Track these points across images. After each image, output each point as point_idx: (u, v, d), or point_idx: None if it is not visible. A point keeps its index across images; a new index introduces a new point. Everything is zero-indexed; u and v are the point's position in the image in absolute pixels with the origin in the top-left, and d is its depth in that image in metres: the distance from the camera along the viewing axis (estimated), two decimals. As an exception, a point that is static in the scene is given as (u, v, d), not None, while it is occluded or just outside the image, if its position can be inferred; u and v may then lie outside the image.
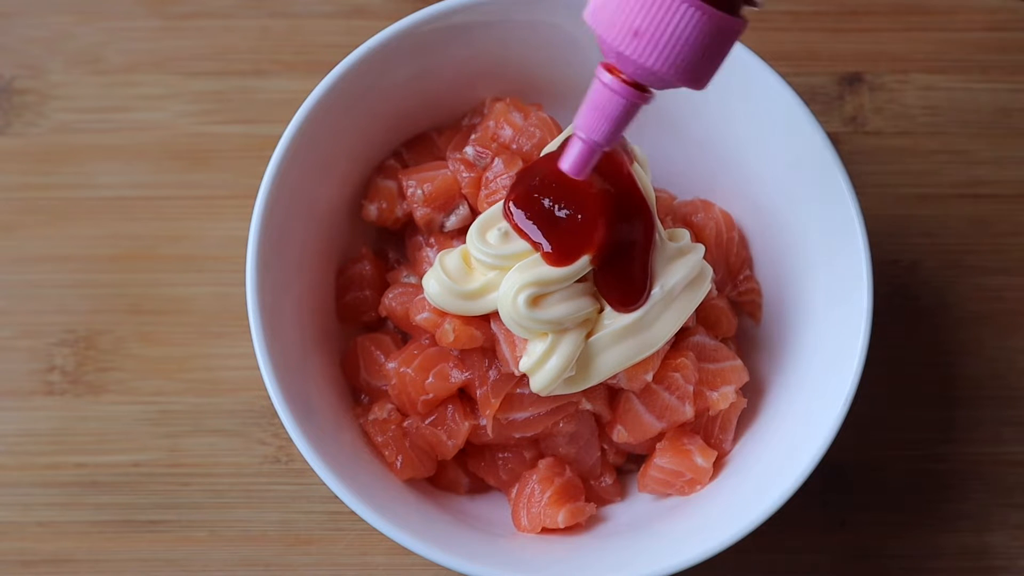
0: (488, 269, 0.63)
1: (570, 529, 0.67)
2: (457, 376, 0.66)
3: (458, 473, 0.70)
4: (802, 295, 0.69)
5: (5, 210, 0.79)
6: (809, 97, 0.79)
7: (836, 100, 0.81)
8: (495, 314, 0.63)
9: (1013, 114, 0.81)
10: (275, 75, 0.81)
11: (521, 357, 0.63)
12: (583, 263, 0.62)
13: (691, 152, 0.73)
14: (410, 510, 0.65)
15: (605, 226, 0.61)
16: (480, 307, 0.63)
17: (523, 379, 0.64)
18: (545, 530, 0.67)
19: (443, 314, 0.64)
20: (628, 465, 0.71)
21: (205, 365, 0.76)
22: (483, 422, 0.66)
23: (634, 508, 0.69)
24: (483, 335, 0.64)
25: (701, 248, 0.65)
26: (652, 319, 0.63)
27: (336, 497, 0.61)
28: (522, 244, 0.62)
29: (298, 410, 0.62)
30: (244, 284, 0.63)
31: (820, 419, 0.63)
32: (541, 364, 0.62)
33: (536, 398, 0.64)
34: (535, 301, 0.61)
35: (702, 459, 0.66)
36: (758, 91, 0.67)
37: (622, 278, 0.63)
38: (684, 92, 0.68)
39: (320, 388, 0.67)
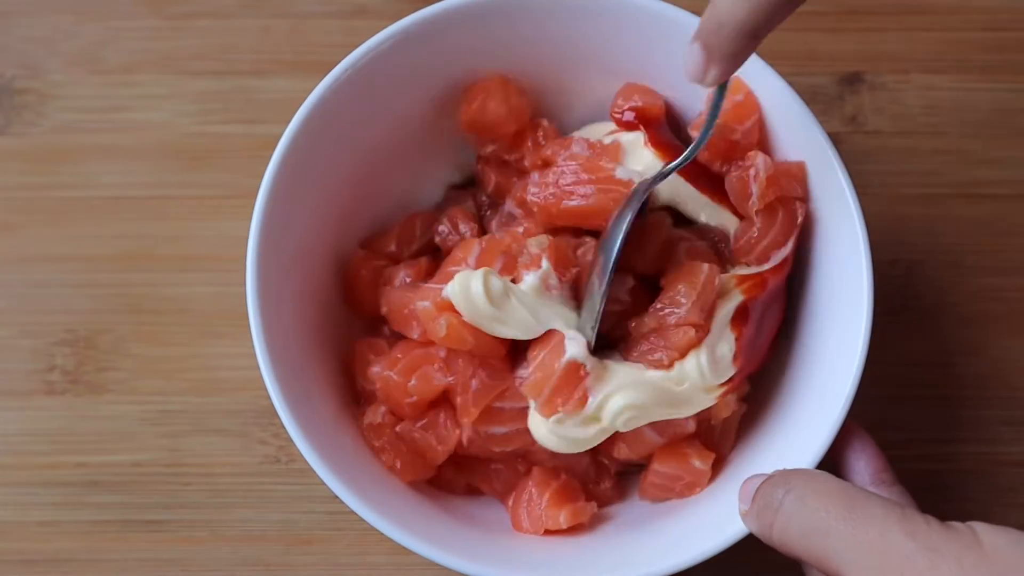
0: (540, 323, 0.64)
1: (572, 529, 0.67)
2: (440, 379, 0.65)
3: (456, 475, 0.70)
4: (802, 295, 0.69)
5: (5, 210, 0.79)
6: (809, 97, 0.79)
7: (836, 100, 0.81)
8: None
9: (1013, 114, 0.81)
10: (276, 75, 0.81)
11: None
12: None
13: (691, 152, 0.73)
14: (410, 510, 0.65)
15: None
16: (502, 331, 0.63)
17: (504, 393, 0.64)
18: (547, 532, 0.67)
19: (444, 309, 0.64)
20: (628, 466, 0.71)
21: (205, 365, 0.76)
22: (461, 431, 0.65)
23: (634, 508, 0.69)
24: (474, 340, 0.64)
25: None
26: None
27: (336, 497, 0.61)
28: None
29: (298, 410, 0.62)
30: (244, 284, 0.63)
31: (820, 419, 0.63)
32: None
33: (516, 413, 0.64)
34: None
35: (700, 462, 0.66)
36: (758, 91, 0.67)
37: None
38: (685, 97, 0.69)
39: (320, 388, 0.67)
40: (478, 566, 0.61)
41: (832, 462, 0.62)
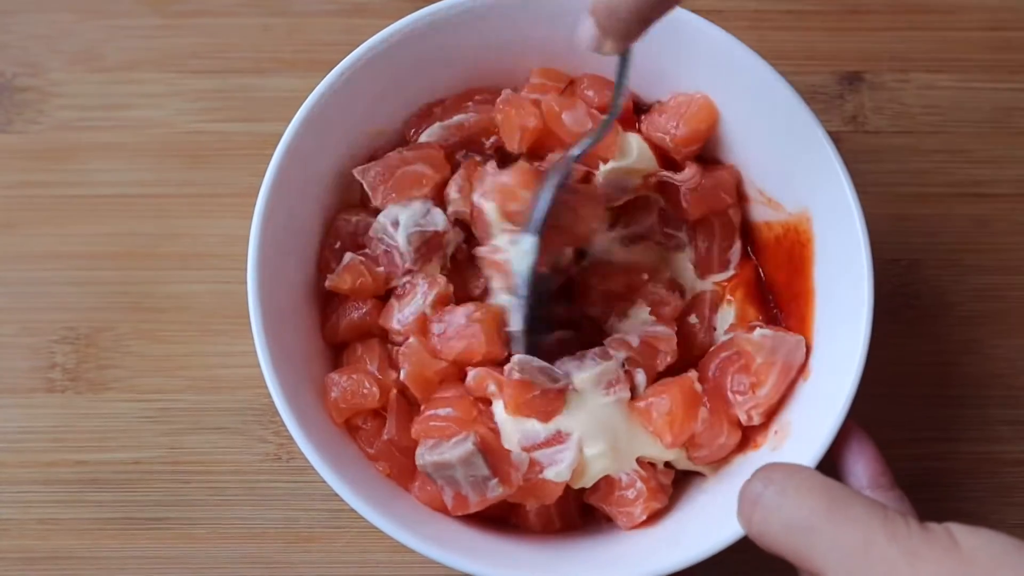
0: None
1: (571, 529, 0.67)
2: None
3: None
4: (802, 294, 0.69)
5: (6, 207, 0.79)
6: (809, 96, 0.79)
7: (836, 99, 0.81)
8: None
9: (1013, 114, 0.81)
10: (276, 73, 0.81)
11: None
12: None
13: (692, 151, 0.73)
14: (410, 508, 0.65)
15: None
16: None
17: None
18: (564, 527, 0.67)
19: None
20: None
21: (206, 363, 0.76)
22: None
23: (634, 507, 0.69)
24: None
25: None
26: None
27: (337, 495, 0.61)
28: None
29: (298, 408, 0.62)
30: (245, 282, 0.63)
31: (820, 420, 0.63)
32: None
33: None
34: None
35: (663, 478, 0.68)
36: (758, 90, 0.67)
37: None
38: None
39: (321, 385, 0.67)
40: (477, 565, 0.61)
41: (831, 464, 0.62)
